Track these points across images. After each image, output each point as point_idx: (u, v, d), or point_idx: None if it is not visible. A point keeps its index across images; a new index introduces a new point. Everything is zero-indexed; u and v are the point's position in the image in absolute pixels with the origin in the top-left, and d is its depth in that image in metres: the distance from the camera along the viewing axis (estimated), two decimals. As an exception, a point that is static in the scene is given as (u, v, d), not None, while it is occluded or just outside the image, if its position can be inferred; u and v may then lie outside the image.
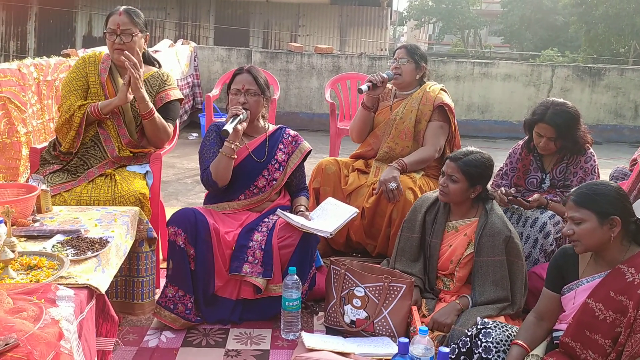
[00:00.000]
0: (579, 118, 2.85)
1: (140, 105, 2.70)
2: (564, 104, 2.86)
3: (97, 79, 2.81)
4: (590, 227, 1.91)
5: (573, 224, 1.93)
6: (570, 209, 1.95)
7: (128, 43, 2.76)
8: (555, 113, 2.80)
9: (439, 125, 3.28)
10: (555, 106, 2.83)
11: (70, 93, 2.77)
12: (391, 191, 3.03)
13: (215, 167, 2.68)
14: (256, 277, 2.57)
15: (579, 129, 2.84)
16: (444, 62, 8.58)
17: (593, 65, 8.98)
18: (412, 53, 3.33)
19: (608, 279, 1.91)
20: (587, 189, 1.97)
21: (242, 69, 2.82)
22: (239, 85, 2.76)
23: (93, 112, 2.70)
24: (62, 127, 2.75)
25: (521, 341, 2.01)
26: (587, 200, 1.93)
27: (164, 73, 2.97)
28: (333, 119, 5.26)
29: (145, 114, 2.72)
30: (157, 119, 2.77)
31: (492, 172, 2.63)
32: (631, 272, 1.86)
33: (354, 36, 15.25)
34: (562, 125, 2.79)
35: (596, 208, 1.91)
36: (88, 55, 2.89)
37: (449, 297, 2.59)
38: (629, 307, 1.83)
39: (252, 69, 2.81)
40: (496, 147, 7.26)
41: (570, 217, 1.95)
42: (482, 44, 30.73)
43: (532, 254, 2.80)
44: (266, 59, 8.22)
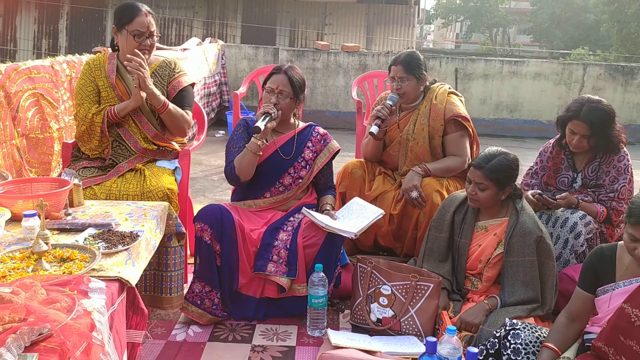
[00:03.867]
0: (614, 116, 2.78)
1: (153, 100, 2.71)
2: (599, 102, 2.79)
3: (105, 81, 2.80)
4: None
5: None
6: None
7: (153, 43, 2.80)
8: (591, 110, 2.74)
9: (459, 135, 3.16)
10: (590, 103, 2.77)
11: (83, 100, 2.78)
12: (414, 200, 3.00)
13: (239, 161, 2.68)
14: (280, 276, 2.57)
15: (614, 127, 2.78)
16: (472, 60, 8.47)
17: (626, 64, 8.77)
18: (410, 69, 3.11)
19: None
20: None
21: (280, 68, 2.79)
22: (274, 85, 2.75)
23: (111, 117, 2.72)
24: (82, 135, 2.77)
25: (551, 344, 1.97)
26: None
27: (171, 61, 2.97)
28: (359, 117, 5.23)
29: (160, 108, 2.74)
30: (173, 109, 2.78)
31: (519, 170, 2.57)
32: None
33: (380, 34, 15.17)
34: (597, 123, 2.72)
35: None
36: (92, 60, 2.88)
37: (477, 297, 2.56)
38: (667, 314, 1.77)
39: (290, 70, 2.78)
40: (525, 146, 7.15)
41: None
42: (511, 42, 30.28)
43: (563, 255, 2.75)
44: (293, 57, 8.23)
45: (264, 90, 2.79)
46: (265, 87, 2.78)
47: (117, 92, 2.79)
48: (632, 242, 1.84)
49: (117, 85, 2.80)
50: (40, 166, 3.09)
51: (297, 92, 2.77)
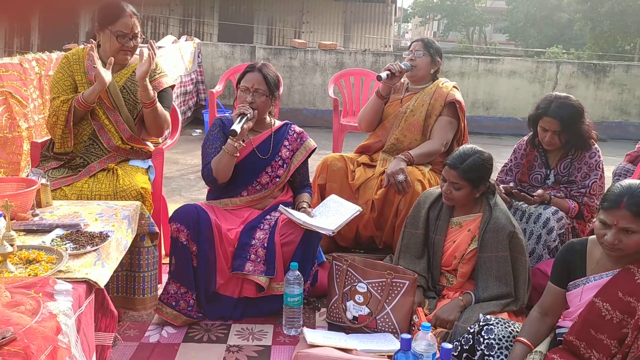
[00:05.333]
0: (583, 111, 2.82)
1: (145, 94, 2.67)
2: (567, 97, 2.85)
3: (84, 77, 2.75)
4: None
5: None
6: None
7: (136, 45, 2.76)
8: (559, 106, 2.79)
9: (448, 121, 3.27)
10: (558, 99, 2.82)
11: (59, 94, 2.71)
12: (400, 183, 3.02)
13: (216, 163, 2.65)
14: (259, 275, 2.55)
15: (584, 122, 2.82)
16: (449, 58, 8.53)
17: (598, 62, 8.92)
18: (429, 47, 3.33)
19: (617, 278, 1.88)
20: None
21: (253, 66, 2.77)
22: (249, 84, 2.72)
23: (80, 105, 2.64)
24: (53, 128, 2.70)
25: (524, 338, 1.98)
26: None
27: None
28: (336, 115, 5.24)
29: (148, 103, 2.70)
30: (159, 108, 2.75)
31: (492, 168, 2.59)
32: None
33: (358, 33, 15.20)
34: (567, 118, 2.76)
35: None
36: (71, 54, 2.82)
37: (452, 293, 2.57)
38: (638, 309, 1.80)
39: (264, 67, 2.76)
40: (501, 143, 7.22)
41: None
42: (487, 41, 30.58)
43: (536, 250, 2.78)
44: (270, 55, 8.19)
45: (239, 90, 2.76)
46: (239, 87, 2.76)
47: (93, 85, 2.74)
48: (603, 229, 1.86)
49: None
50: (9, 166, 3.02)
51: (273, 89, 2.75)
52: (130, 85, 2.80)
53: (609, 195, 1.88)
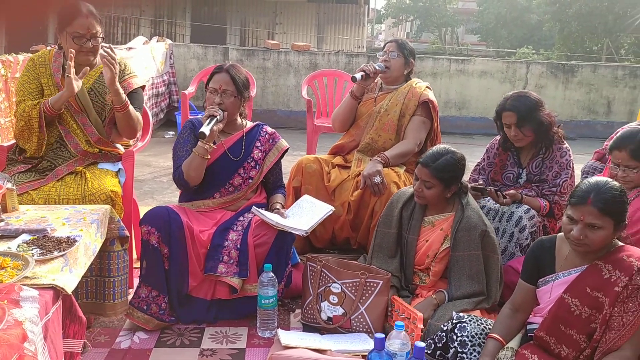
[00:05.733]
0: (538, 102, 2.89)
1: (116, 98, 2.62)
2: (523, 92, 2.97)
3: (50, 80, 2.69)
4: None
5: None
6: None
7: (96, 45, 2.70)
8: (514, 99, 2.90)
9: (422, 121, 3.30)
10: (515, 94, 2.94)
11: (24, 97, 2.65)
12: (376, 185, 3.03)
13: (187, 166, 2.63)
14: (232, 277, 2.53)
15: (541, 111, 2.88)
16: (421, 59, 8.60)
17: (566, 62, 9.10)
18: (402, 48, 3.36)
19: (585, 274, 1.91)
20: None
21: (221, 67, 2.75)
22: (216, 85, 2.70)
23: (47, 110, 2.59)
24: (22, 132, 2.63)
25: (496, 334, 2.01)
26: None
27: (121, 62, 2.88)
28: (310, 116, 5.24)
29: (120, 107, 2.65)
30: (132, 110, 2.71)
31: (465, 169, 2.62)
32: (608, 269, 1.87)
33: (331, 34, 15.23)
34: (522, 108, 2.84)
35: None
36: (37, 56, 2.75)
37: (425, 292, 2.59)
38: (605, 304, 1.83)
39: (232, 68, 2.74)
40: (473, 143, 7.31)
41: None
42: (459, 42, 30.96)
43: (508, 248, 2.82)
44: (243, 56, 8.15)
45: (207, 92, 2.74)
46: (208, 88, 2.74)
47: (60, 91, 2.66)
48: (570, 224, 1.89)
49: (62, 84, 2.67)
50: (-26, 170, 2.93)
51: (241, 90, 2.73)
52: (98, 87, 2.75)
53: (576, 192, 1.92)
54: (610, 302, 1.82)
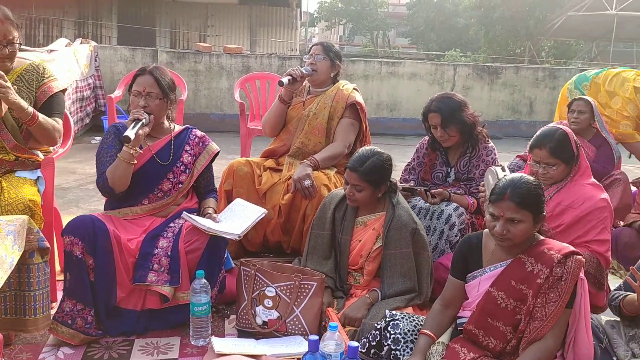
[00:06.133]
0: (462, 103, 2.99)
1: (21, 114, 2.47)
2: (447, 93, 3.07)
3: None
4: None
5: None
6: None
7: (13, 51, 2.55)
8: (438, 100, 2.99)
9: (350, 123, 3.32)
10: (439, 96, 3.03)
11: None
12: (306, 188, 3.02)
13: (112, 172, 2.52)
14: (163, 285, 2.45)
15: (465, 111, 2.97)
16: (353, 61, 8.72)
17: (491, 64, 9.48)
18: (328, 50, 3.36)
19: (510, 268, 1.98)
20: None
21: (144, 69, 2.67)
22: (140, 88, 2.61)
23: None
24: None
25: (428, 330, 2.05)
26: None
27: (39, 65, 2.74)
28: (243, 119, 5.18)
29: (28, 121, 2.50)
30: (43, 121, 2.55)
31: (392, 168, 2.67)
32: (531, 262, 1.95)
33: (264, 36, 15.17)
34: (445, 109, 2.93)
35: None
36: None
37: (359, 291, 2.61)
38: (529, 295, 1.91)
39: (155, 70, 2.66)
40: (405, 143, 7.47)
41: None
42: (391, 45, 31.61)
43: (439, 245, 2.88)
44: (173, 59, 7.98)
45: (131, 95, 2.65)
46: (131, 92, 2.64)
47: None
48: (492, 221, 1.96)
49: None
50: None
51: (167, 92, 2.65)
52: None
53: (495, 189, 1.99)
54: (533, 294, 1.90)
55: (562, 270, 1.90)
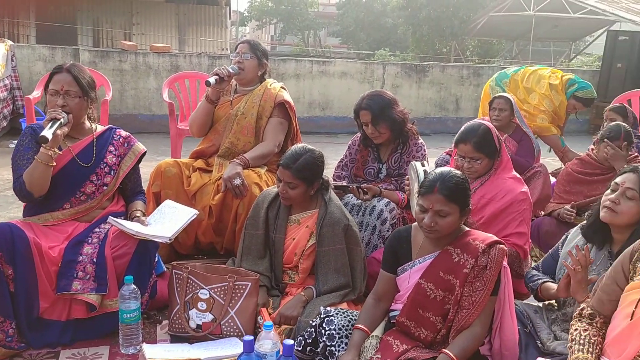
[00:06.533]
0: (392, 101, 3.05)
1: None
2: (378, 91, 3.11)
3: None
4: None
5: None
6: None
7: None
8: (368, 98, 3.03)
9: (279, 122, 3.31)
10: (369, 94, 3.07)
11: None
12: (237, 187, 2.99)
13: (29, 175, 2.39)
14: (89, 294, 2.36)
15: (394, 108, 3.04)
16: (284, 60, 8.71)
17: (419, 63, 9.73)
18: (255, 49, 3.32)
19: (438, 260, 2.04)
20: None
21: (61, 67, 2.55)
22: (57, 86, 2.50)
23: None
24: None
25: (362, 324, 2.07)
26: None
27: None
28: (172, 119, 5.07)
29: None
30: None
31: (324, 165, 2.68)
32: (457, 252, 2.01)
33: (193, 35, 14.87)
34: (375, 107, 2.98)
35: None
36: None
37: (294, 289, 2.61)
38: (456, 285, 1.97)
39: (73, 67, 2.55)
40: (338, 142, 7.54)
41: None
42: (322, 44, 31.84)
43: (372, 241, 2.93)
44: (96, 58, 7.66)
45: (48, 94, 2.52)
46: (48, 91, 2.52)
47: None
48: (421, 213, 2.01)
49: None
50: None
51: (87, 90, 2.54)
52: None
53: (425, 182, 2.04)
54: (460, 283, 1.96)
55: (487, 260, 1.97)
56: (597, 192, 3.40)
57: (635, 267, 1.66)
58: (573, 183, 3.58)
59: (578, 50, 21.88)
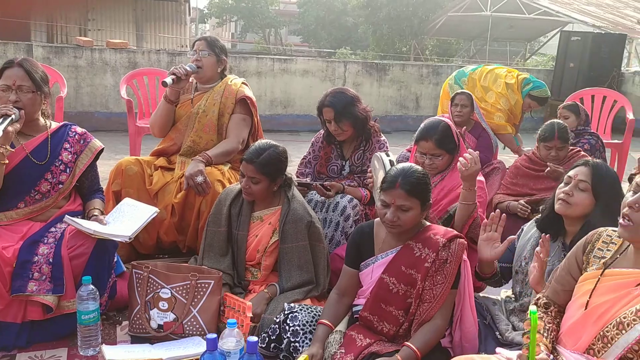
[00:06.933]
0: (354, 98, 3.08)
1: None
2: (340, 88, 3.13)
3: None
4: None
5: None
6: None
7: None
8: (331, 95, 3.06)
9: (242, 118, 3.28)
10: (332, 91, 3.10)
11: None
12: (199, 185, 2.95)
13: None
14: (45, 295, 2.30)
15: (357, 106, 3.07)
16: (245, 58, 8.66)
17: (379, 62, 9.82)
18: (213, 46, 3.26)
19: (400, 254, 2.07)
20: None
21: (12, 62, 2.46)
22: (9, 81, 2.41)
23: None
24: None
25: (325, 320, 2.09)
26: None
27: None
28: (131, 117, 4.97)
29: None
30: None
31: (288, 161, 2.68)
32: (419, 247, 2.04)
33: (151, 32, 14.60)
34: (338, 104, 3.01)
35: None
36: None
37: (258, 287, 2.60)
38: (418, 279, 2.01)
39: (25, 62, 2.46)
40: (300, 140, 7.54)
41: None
42: (283, 42, 31.77)
43: (335, 237, 2.94)
44: (50, 54, 7.45)
45: None
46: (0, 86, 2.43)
47: None
48: (383, 209, 2.03)
49: None
50: None
51: (40, 85, 2.47)
52: None
53: (386, 178, 2.07)
54: (422, 277, 2.00)
55: (447, 254, 2.01)
56: (542, 186, 3.57)
57: (589, 258, 1.72)
58: (520, 176, 3.69)
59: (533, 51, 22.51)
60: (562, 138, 3.50)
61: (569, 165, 3.52)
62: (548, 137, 3.51)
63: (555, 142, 3.49)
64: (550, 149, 3.52)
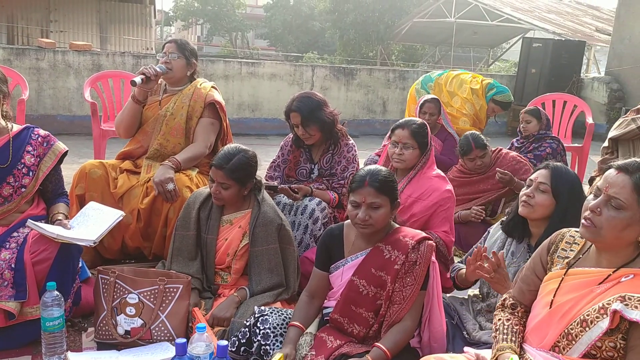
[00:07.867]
0: (321, 102, 3.10)
1: None
2: (307, 93, 3.15)
3: None
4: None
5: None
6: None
7: None
8: (299, 100, 3.07)
9: (210, 122, 3.25)
10: (299, 95, 3.11)
11: None
12: (169, 192, 2.91)
13: None
14: (7, 301, 2.24)
15: (324, 110, 3.08)
16: (212, 61, 8.60)
17: (347, 66, 9.89)
18: (183, 48, 3.24)
19: (369, 256, 2.08)
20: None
21: None
22: None
23: None
24: None
25: (296, 322, 2.09)
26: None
27: None
28: (95, 120, 4.87)
29: None
30: None
31: (257, 165, 2.68)
32: (388, 249, 2.06)
33: (115, 34, 14.35)
34: (305, 108, 3.02)
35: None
36: None
37: (227, 291, 2.58)
38: (388, 281, 2.02)
39: None
40: (268, 143, 7.52)
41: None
42: (250, 46, 31.66)
43: (304, 240, 2.95)
44: (11, 55, 7.25)
45: None
46: None
47: None
48: (354, 209, 2.05)
49: None
50: None
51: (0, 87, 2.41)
52: None
53: (355, 178, 2.09)
54: (392, 279, 2.02)
55: (416, 255, 2.03)
56: (480, 187, 3.75)
57: (553, 258, 1.77)
58: (457, 187, 3.77)
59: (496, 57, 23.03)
60: (480, 146, 3.65)
61: (500, 165, 3.70)
62: (467, 150, 3.67)
63: (475, 152, 3.65)
64: (473, 160, 3.67)
